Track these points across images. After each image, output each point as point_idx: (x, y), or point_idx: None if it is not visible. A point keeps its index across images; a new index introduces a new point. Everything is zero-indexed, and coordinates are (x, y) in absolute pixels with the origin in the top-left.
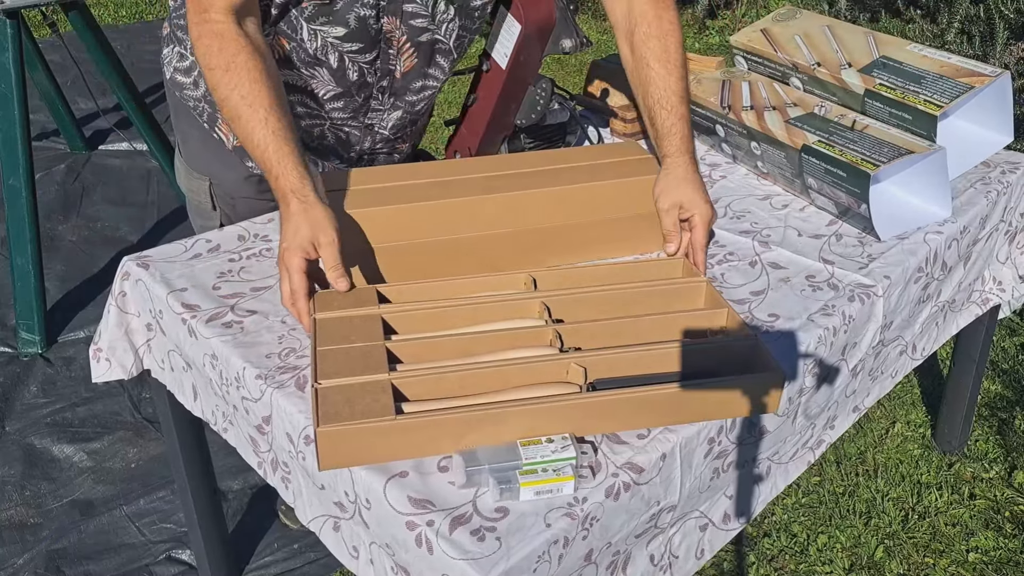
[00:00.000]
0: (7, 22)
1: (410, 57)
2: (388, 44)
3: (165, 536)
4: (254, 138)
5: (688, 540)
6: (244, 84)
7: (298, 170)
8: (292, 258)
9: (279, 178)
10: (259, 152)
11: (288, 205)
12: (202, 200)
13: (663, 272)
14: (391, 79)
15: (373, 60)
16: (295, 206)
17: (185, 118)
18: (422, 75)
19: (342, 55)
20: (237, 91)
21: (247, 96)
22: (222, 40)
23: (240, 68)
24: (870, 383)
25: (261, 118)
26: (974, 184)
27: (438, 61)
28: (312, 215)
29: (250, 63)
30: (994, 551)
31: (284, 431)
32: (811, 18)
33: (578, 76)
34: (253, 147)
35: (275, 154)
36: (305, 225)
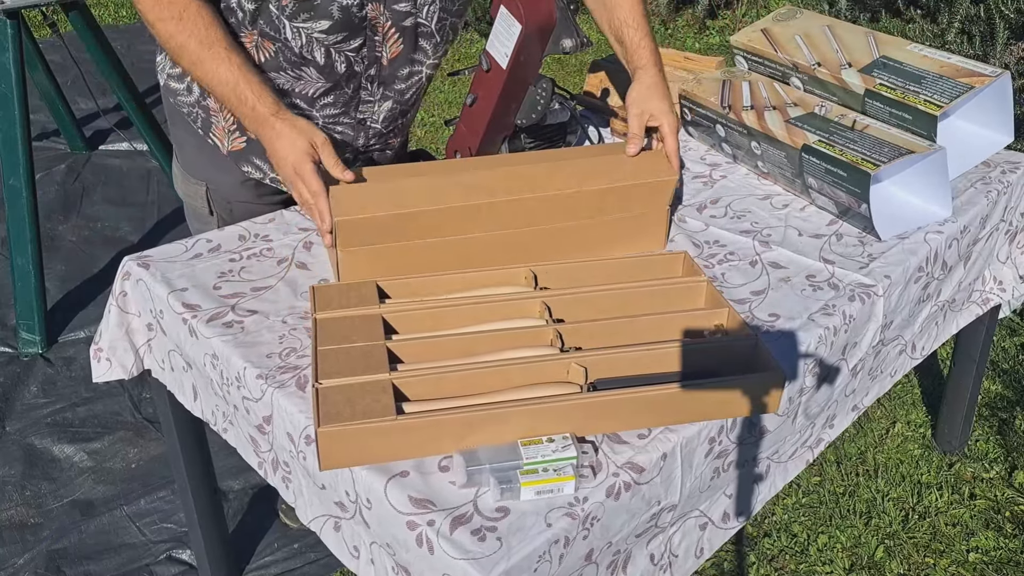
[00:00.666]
0: (7, 22)
1: (396, 43)
2: (373, 31)
3: (165, 536)
4: (220, 75)
5: (688, 539)
6: (200, 29)
7: (272, 95)
8: (303, 164)
9: (256, 106)
10: (228, 88)
11: (273, 126)
12: (199, 205)
13: (664, 270)
14: (379, 67)
15: (359, 48)
16: (280, 125)
17: (180, 124)
18: (408, 61)
19: (328, 49)
20: (194, 37)
21: (205, 39)
22: None
23: (193, 15)
24: (869, 382)
25: (223, 57)
26: (974, 184)
27: (422, 45)
28: (299, 126)
29: (202, 10)
30: (994, 551)
31: (285, 431)
32: (811, 18)
33: (578, 76)
34: (220, 84)
35: (247, 85)
36: (298, 135)
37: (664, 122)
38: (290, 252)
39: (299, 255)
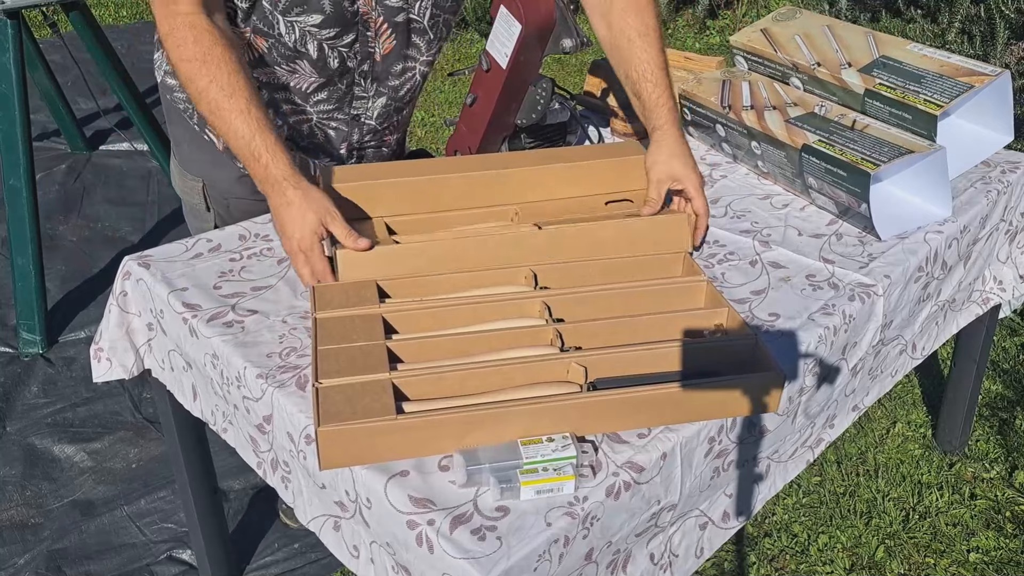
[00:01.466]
0: (8, 22)
1: (388, 39)
2: (366, 26)
3: (166, 536)
4: (237, 129)
5: (688, 539)
6: (223, 75)
7: (287, 157)
8: (312, 245)
9: (269, 166)
10: (244, 142)
11: (284, 192)
12: (196, 202)
13: (664, 269)
14: (372, 63)
15: (352, 43)
16: (292, 193)
17: (177, 121)
18: (402, 57)
19: (321, 43)
20: (216, 83)
21: (226, 87)
22: (196, 32)
23: (217, 60)
24: (870, 382)
25: (243, 108)
26: (974, 183)
27: (415, 42)
28: (312, 197)
29: (226, 55)
30: (995, 551)
31: (285, 430)
32: (811, 18)
33: (578, 76)
34: (236, 138)
35: (263, 142)
36: (310, 210)
37: (688, 185)
38: None
39: None
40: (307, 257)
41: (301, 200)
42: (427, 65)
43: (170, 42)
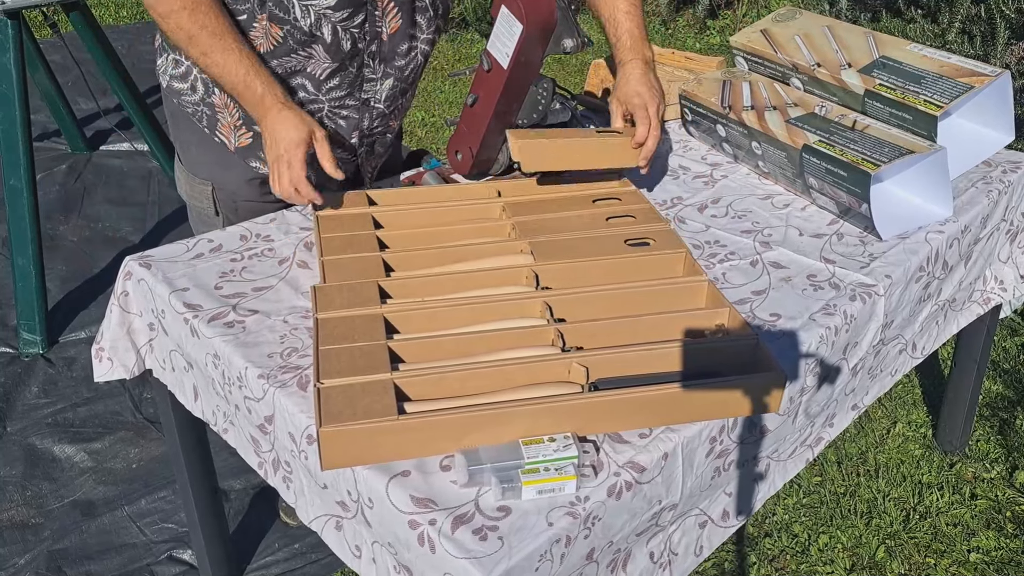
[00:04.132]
0: (8, 22)
1: (395, 18)
2: (374, 6)
3: (166, 536)
4: (230, 67)
5: (687, 537)
6: (211, 20)
7: (281, 88)
8: (297, 149)
9: (265, 93)
10: (238, 78)
11: (279, 111)
12: (204, 206)
13: (665, 269)
14: (379, 43)
15: (362, 24)
16: (288, 111)
17: (184, 125)
18: (407, 36)
19: (335, 26)
20: (206, 28)
21: (216, 31)
22: None
23: (204, 6)
24: (869, 381)
25: (234, 47)
26: (975, 183)
27: (418, 21)
28: (305, 117)
29: (213, 4)
30: (995, 551)
31: (286, 431)
32: (811, 18)
33: (578, 76)
34: (230, 74)
35: (257, 75)
36: (302, 123)
37: (632, 108)
38: (291, 252)
39: (300, 255)
40: (289, 164)
41: (295, 115)
42: (428, 44)
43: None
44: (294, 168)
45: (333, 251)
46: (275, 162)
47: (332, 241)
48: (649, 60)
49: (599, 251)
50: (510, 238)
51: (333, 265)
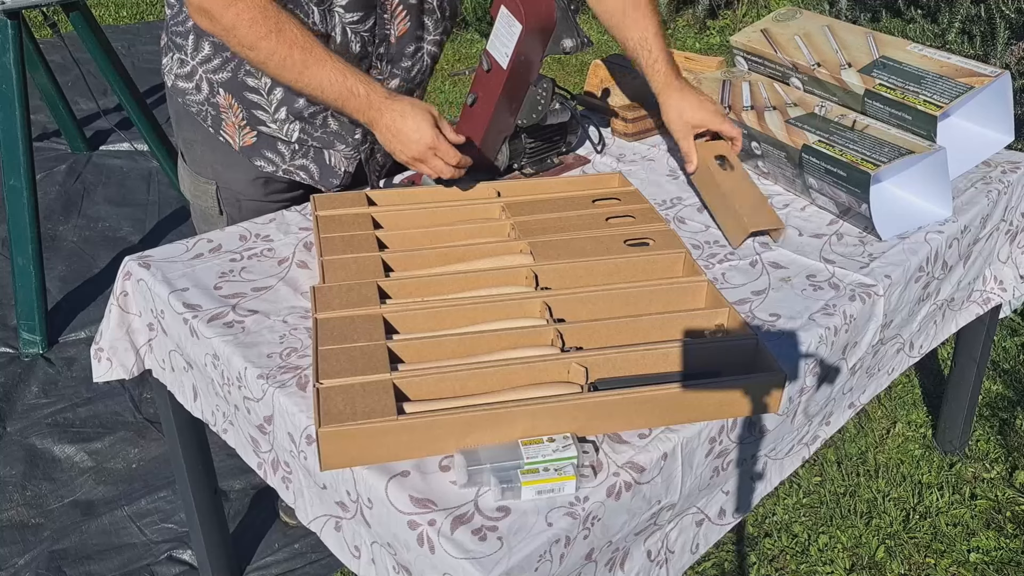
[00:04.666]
0: (8, 22)
1: (403, 20)
2: (383, 9)
3: (166, 536)
4: (328, 78)
5: (684, 535)
6: (299, 38)
7: (380, 84)
8: (438, 140)
9: (369, 95)
10: (337, 86)
11: (392, 109)
12: (208, 205)
13: (665, 270)
14: (387, 45)
15: (372, 27)
16: (400, 106)
17: (189, 124)
18: (414, 38)
19: (345, 27)
20: (296, 47)
21: (306, 47)
22: (262, 8)
23: (289, 25)
24: (867, 380)
25: (325, 57)
26: (975, 184)
27: (426, 23)
28: (418, 104)
29: (291, 19)
30: (995, 551)
31: (286, 431)
32: (811, 18)
33: (579, 76)
34: (328, 84)
35: (355, 78)
36: (423, 111)
37: (709, 124)
38: (291, 252)
39: (300, 255)
40: (435, 151)
41: (410, 107)
42: (436, 46)
43: (241, 24)
44: (447, 153)
45: (332, 251)
46: (418, 158)
47: (331, 241)
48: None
49: (599, 251)
50: (510, 238)
51: (332, 265)
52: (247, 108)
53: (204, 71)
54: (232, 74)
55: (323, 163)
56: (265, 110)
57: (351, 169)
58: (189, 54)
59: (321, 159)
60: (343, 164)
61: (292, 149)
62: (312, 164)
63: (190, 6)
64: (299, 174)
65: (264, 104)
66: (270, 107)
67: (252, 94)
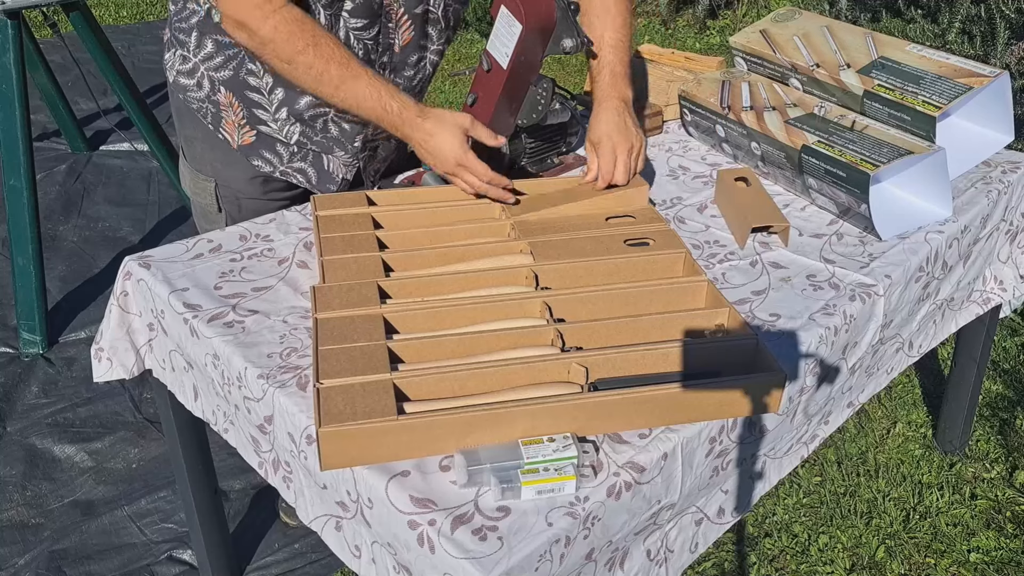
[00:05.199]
0: (8, 22)
1: (408, 30)
2: (388, 18)
3: (166, 536)
4: (364, 93)
5: (683, 534)
6: (335, 52)
7: (410, 98)
8: (467, 155)
9: (402, 112)
10: (372, 101)
11: (423, 127)
12: (207, 203)
13: (665, 270)
14: (391, 54)
15: (376, 36)
16: (431, 124)
17: (189, 121)
18: (418, 47)
19: (349, 32)
20: (333, 61)
21: (342, 61)
22: (299, 22)
23: (324, 39)
24: (866, 379)
25: (360, 72)
26: (975, 184)
27: (429, 32)
28: (445, 119)
29: (326, 33)
30: (995, 551)
31: (286, 431)
32: (810, 19)
33: (578, 76)
34: (364, 101)
35: (389, 94)
36: (451, 129)
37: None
38: (291, 252)
39: (300, 255)
40: (466, 168)
41: (439, 125)
42: (438, 55)
43: (278, 41)
44: (476, 169)
45: (333, 251)
46: (452, 173)
47: (332, 241)
48: (628, 100)
49: (599, 251)
50: (510, 238)
51: (332, 265)
52: (248, 107)
53: (206, 68)
54: (234, 72)
55: (321, 168)
56: (266, 109)
57: (349, 177)
58: (191, 51)
59: (319, 164)
60: (341, 171)
61: (291, 151)
62: (310, 168)
63: (226, 21)
64: (296, 176)
65: (265, 104)
66: (271, 107)
67: (253, 93)
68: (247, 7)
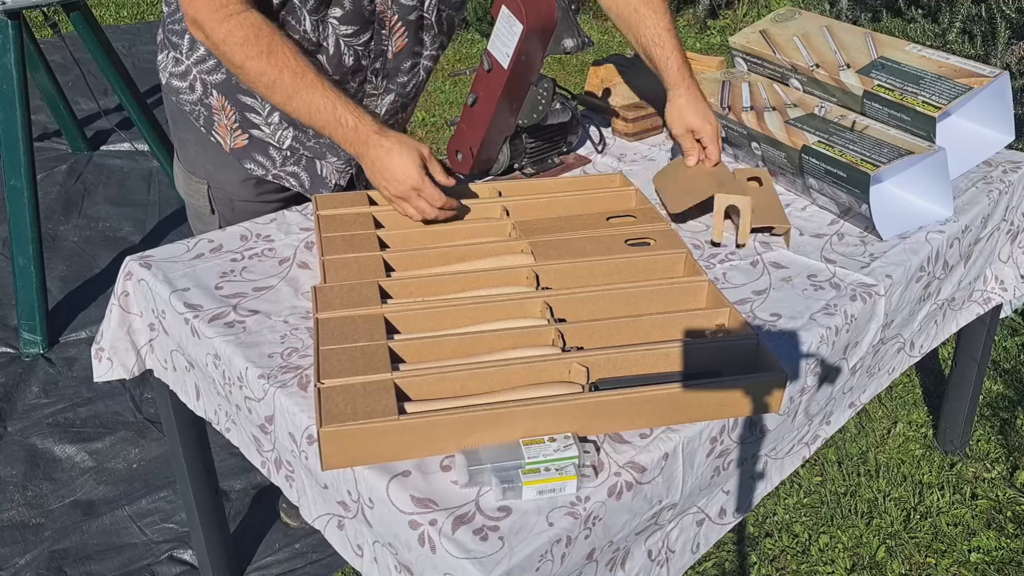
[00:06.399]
0: (8, 22)
1: (401, 36)
2: (381, 25)
3: (167, 536)
4: (318, 105)
5: (685, 535)
6: (290, 61)
7: (371, 116)
8: (422, 181)
9: (358, 127)
10: (327, 114)
11: (380, 144)
12: (200, 204)
13: (665, 270)
14: (384, 60)
15: (367, 42)
16: (388, 142)
17: (182, 123)
18: (411, 54)
19: (339, 39)
20: (287, 70)
21: (297, 71)
22: (256, 28)
23: (281, 48)
24: (867, 380)
25: (316, 83)
26: (976, 183)
27: (423, 38)
28: (406, 141)
29: (285, 42)
30: (996, 551)
31: (287, 431)
32: (810, 19)
33: (579, 76)
34: (316, 112)
35: (344, 108)
36: (409, 151)
37: (703, 135)
38: (292, 252)
39: (301, 255)
40: (420, 192)
41: (398, 144)
42: (431, 60)
43: (232, 41)
44: (431, 195)
45: (334, 251)
46: (402, 197)
47: (333, 241)
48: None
49: (599, 251)
50: (510, 238)
51: (334, 265)
52: (240, 111)
53: (199, 71)
54: (226, 76)
55: (314, 173)
56: (258, 113)
57: (342, 182)
58: (184, 53)
59: (312, 168)
60: (334, 176)
61: (283, 155)
62: (303, 172)
63: (186, 17)
64: (289, 180)
65: (258, 108)
66: (263, 111)
67: (246, 97)
68: (204, 9)
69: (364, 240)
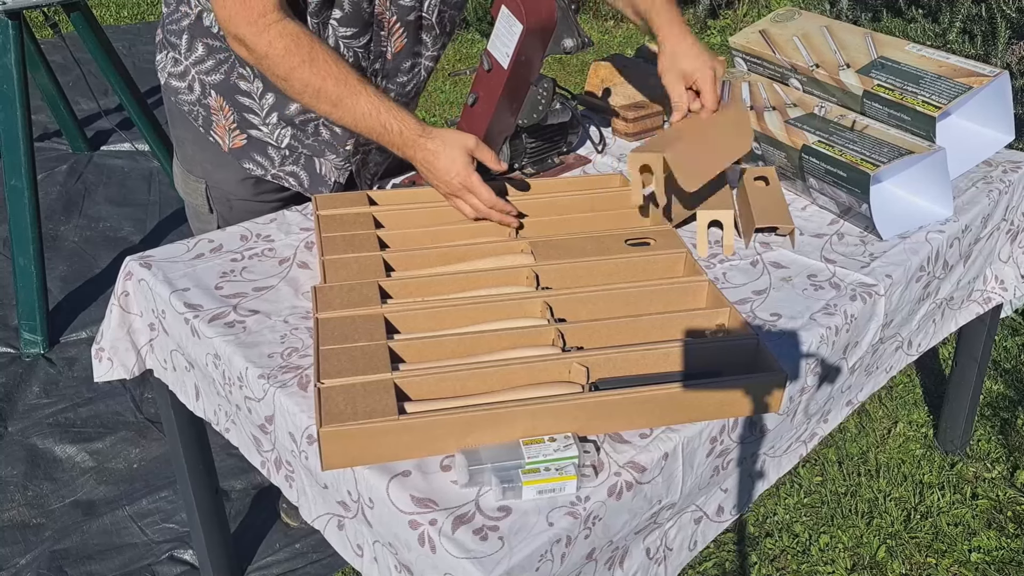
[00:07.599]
0: (9, 23)
1: (400, 37)
2: (380, 26)
3: (167, 536)
4: (363, 111)
5: (683, 533)
6: (332, 68)
7: (411, 116)
8: (471, 177)
9: (402, 131)
10: (371, 120)
11: (426, 147)
12: (199, 203)
13: (665, 269)
14: (383, 61)
15: (367, 44)
16: (433, 144)
17: (181, 123)
18: (411, 54)
19: (338, 40)
20: (330, 77)
21: (340, 78)
22: (295, 37)
23: (321, 55)
24: (865, 378)
25: (359, 90)
26: (976, 183)
27: (423, 38)
28: (450, 140)
29: (325, 48)
30: (996, 551)
31: (287, 431)
32: (810, 19)
33: (579, 76)
34: (363, 118)
35: (388, 112)
36: (455, 149)
37: (698, 78)
38: (292, 252)
39: (301, 255)
40: (470, 190)
41: (443, 145)
42: (432, 60)
43: (273, 52)
44: (481, 193)
45: (334, 250)
46: (455, 195)
47: (333, 240)
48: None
49: (599, 251)
50: (510, 238)
51: (334, 265)
52: (238, 111)
53: (197, 72)
54: (224, 76)
55: (313, 171)
56: (256, 114)
57: (341, 180)
58: (183, 53)
59: (311, 167)
60: (333, 174)
61: (282, 155)
62: (302, 171)
63: (227, 37)
64: (288, 180)
65: (256, 108)
66: (261, 111)
67: (244, 97)
68: (242, 23)
69: (364, 240)
